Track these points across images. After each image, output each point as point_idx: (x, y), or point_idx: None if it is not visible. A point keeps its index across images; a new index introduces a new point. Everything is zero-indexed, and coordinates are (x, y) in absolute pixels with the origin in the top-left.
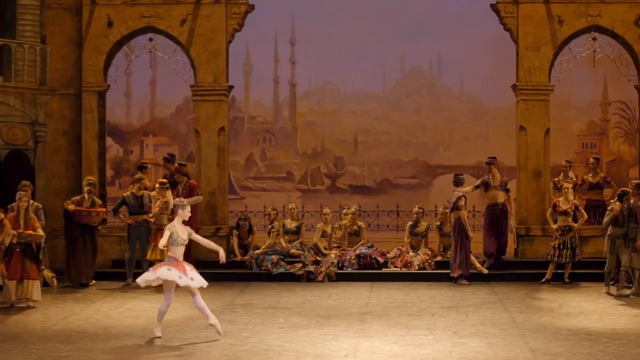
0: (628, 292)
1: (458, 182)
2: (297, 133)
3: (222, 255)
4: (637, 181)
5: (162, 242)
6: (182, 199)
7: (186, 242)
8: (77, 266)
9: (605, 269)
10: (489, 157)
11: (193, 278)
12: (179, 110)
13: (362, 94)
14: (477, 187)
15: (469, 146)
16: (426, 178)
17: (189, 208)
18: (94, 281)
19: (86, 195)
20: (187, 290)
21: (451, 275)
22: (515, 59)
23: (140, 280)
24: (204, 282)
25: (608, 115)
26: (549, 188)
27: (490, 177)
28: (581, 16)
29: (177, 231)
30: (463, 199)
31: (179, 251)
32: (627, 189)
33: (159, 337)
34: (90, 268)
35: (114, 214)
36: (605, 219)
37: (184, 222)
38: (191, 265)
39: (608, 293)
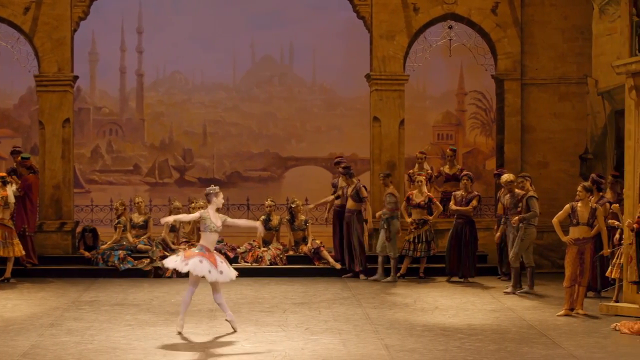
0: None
1: (352, 173)
2: (144, 125)
3: (260, 229)
4: (387, 171)
5: (168, 219)
6: (215, 186)
7: (219, 229)
8: None
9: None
10: (342, 167)
11: (222, 271)
12: (22, 102)
13: (211, 84)
14: (338, 196)
15: (322, 137)
16: (277, 170)
17: (222, 195)
18: None
19: None
20: (211, 284)
21: (356, 270)
22: (369, 47)
23: (169, 263)
24: (232, 276)
25: (464, 105)
26: (403, 180)
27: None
28: (437, 4)
29: (211, 217)
30: (364, 189)
31: (211, 238)
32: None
33: (180, 333)
34: None
35: None
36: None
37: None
38: (222, 256)
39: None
